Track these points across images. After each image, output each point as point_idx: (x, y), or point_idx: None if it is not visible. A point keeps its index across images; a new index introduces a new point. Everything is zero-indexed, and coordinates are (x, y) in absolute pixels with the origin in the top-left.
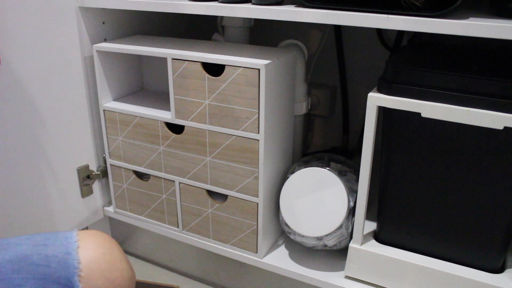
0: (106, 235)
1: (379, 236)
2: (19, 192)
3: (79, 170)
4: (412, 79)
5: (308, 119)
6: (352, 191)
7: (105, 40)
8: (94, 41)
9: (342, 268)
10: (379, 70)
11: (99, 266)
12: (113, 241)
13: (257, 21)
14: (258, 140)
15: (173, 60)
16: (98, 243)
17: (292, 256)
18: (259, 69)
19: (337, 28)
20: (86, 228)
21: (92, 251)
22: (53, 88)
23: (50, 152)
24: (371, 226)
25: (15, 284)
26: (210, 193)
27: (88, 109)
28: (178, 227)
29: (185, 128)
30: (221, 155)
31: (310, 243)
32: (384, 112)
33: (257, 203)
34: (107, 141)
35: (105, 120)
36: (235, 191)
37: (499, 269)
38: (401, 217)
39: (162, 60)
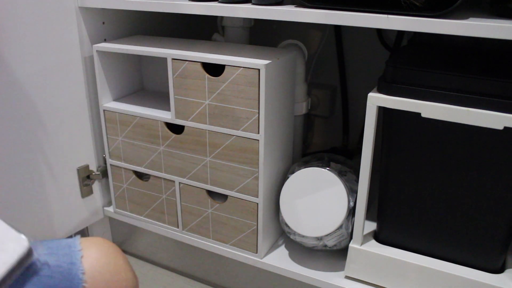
0: (110, 243)
1: (379, 236)
2: (18, 192)
3: (79, 170)
4: (412, 79)
5: (308, 119)
6: (352, 191)
7: (105, 40)
8: (94, 41)
9: (342, 268)
10: (379, 70)
11: (103, 276)
12: (117, 249)
13: (257, 21)
14: (258, 140)
15: (173, 60)
16: (103, 252)
17: (292, 256)
18: (259, 69)
19: (337, 28)
20: (86, 228)
21: (96, 261)
22: (53, 88)
23: (50, 152)
24: (371, 226)
25: None
26: (210, 193)
27: (88, 109)
28: (178, 227)
29: (185, 128)
30: (221, 155)
31: (310, 243)
32: (384, 112)
33: (257, 203)
34: (107, 141)
35: (105, 120)
36: (235, 191)
37: (499, 269)
38: (401, 217)
39: (162, 60)
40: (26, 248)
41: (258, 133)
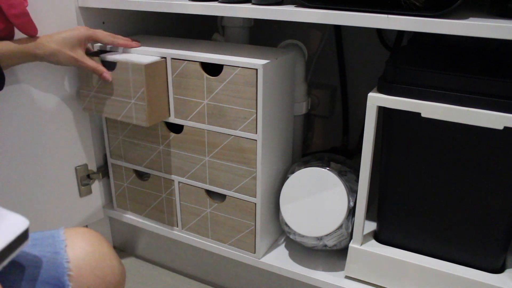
0: (94, 232)
1: (379, 236)
2: (16, 192)
3: (77, 170)
4: (412, 79)
5: (308, 119)
6: (352, 191)
7: None
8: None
9: (342, 268)
10: (379, 70)
11: (88, 264)
12: (101, 237)
13: (257, 21)
14: (255, 140)
15: (172, 60)
16: (86, 241)
17: (292, 256)
18: (256, 69)
19: (337, 28)
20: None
21: (80, 249)
22: (53, 87)
23: (48, 152)
24: (371, 226)
25: (5, 287)
26: (209, 192)
27: None
28: (177, 227)
29: (184, 127)
30: (220, 155)
31: (310, 243)
32: (384, 112)
33: (255, 203)
34: (108, 139)
35: (105, 119)
36: (233, 191)
37: (499, 269)
38: (401, 217)
39: None
40: (23, 228)
41: (256, 133)
